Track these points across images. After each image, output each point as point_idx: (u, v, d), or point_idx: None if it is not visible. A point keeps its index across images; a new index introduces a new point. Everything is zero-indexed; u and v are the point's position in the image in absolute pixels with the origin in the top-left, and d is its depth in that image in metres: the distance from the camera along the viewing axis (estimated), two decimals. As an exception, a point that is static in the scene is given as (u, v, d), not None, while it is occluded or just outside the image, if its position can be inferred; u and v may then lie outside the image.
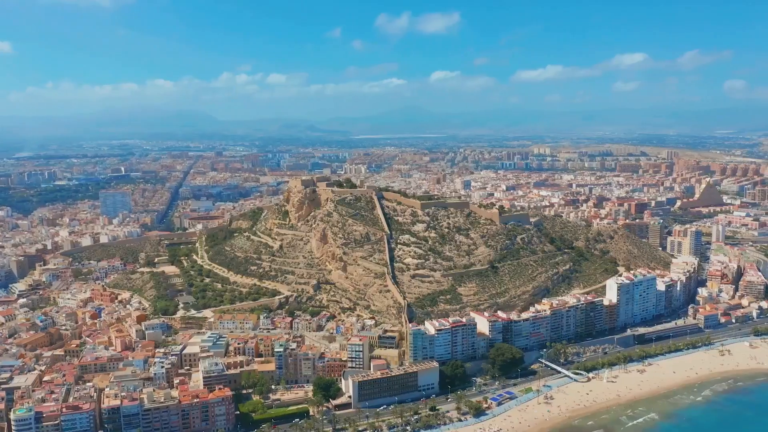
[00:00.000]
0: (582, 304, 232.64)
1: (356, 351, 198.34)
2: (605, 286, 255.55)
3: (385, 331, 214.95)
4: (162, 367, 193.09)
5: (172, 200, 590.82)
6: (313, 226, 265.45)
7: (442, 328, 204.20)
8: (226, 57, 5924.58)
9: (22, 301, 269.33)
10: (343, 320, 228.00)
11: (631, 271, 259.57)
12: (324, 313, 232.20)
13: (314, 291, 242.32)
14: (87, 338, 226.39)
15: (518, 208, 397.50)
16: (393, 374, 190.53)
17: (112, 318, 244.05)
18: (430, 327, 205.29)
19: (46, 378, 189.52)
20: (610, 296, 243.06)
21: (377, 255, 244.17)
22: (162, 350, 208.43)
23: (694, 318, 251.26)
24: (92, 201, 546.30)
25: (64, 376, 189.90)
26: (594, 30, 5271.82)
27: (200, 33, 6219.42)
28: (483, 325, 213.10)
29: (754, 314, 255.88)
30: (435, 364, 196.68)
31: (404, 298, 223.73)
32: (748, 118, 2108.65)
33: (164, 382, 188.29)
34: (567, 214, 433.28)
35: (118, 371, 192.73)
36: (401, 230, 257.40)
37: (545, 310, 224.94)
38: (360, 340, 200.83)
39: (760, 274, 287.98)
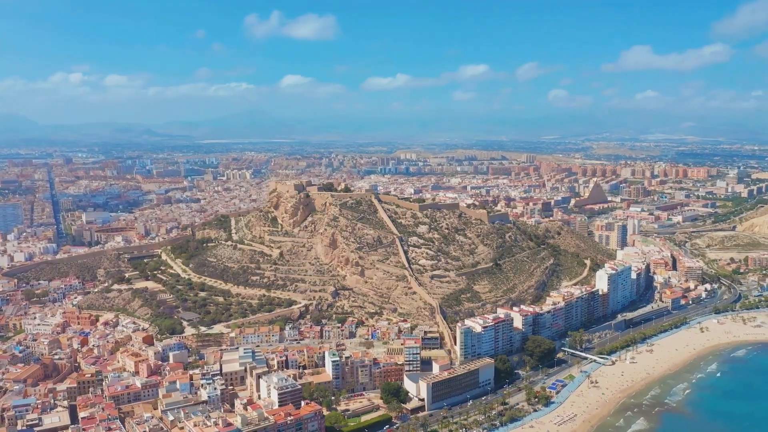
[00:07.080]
0: (585, 294, 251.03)
1: (413, 354, 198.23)
2: (587, 276, 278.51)
3: (426, 332, 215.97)
4: (215, 388, 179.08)
5: (55, 212, 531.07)
6: (321, 231, 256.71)
7: (488, 325, 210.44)
8: (64, 57, 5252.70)
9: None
10: (374, 325, 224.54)
11: (612, 262, 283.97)
12: (351, 319, 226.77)
13: (333, 298, 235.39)
14: (92, 366, 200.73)
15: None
16: (459, 373, 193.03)
17: (107, 342, 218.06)
18: (475, 325, 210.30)
19: (83, 414, 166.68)
20: (600, 286, 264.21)
21: (393, 258, 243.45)
22: (197, 371, 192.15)
23: (662, 301, 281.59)
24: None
25: (103, 409, 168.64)
26: (445, 41, 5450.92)
27: (36, 33, 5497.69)
28: (517, 320, 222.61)
29: (704, 295, 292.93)
30: (490, 360, 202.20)
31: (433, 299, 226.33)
32: (568, 124, 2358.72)
33: (226, 404, 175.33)
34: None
35: (166, 398, 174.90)
36: (406, 232, 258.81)
37: (559, 302, 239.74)
38: (415, 342, 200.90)
39: (694, 260, 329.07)
